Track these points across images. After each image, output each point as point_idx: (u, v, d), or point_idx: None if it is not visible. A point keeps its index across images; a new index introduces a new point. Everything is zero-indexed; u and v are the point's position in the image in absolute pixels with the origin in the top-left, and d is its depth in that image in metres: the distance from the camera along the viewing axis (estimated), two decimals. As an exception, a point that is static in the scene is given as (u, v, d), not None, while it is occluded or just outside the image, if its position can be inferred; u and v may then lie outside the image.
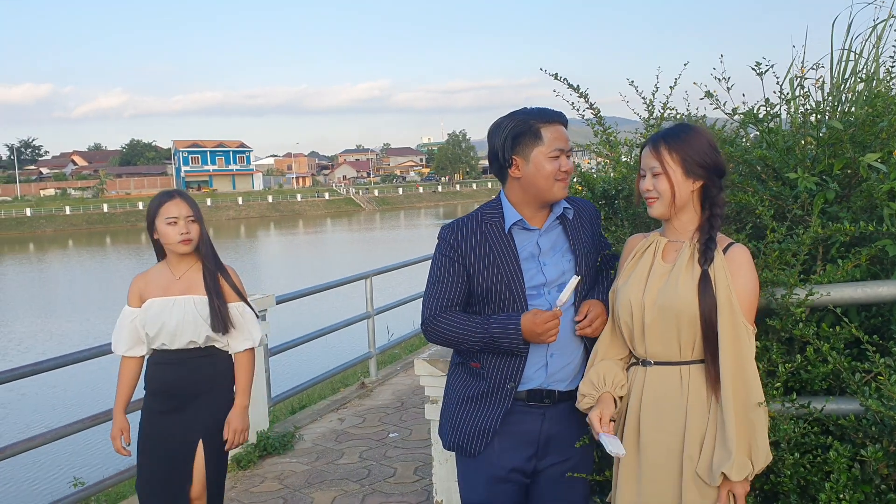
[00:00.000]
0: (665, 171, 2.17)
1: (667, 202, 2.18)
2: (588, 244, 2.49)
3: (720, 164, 2.20)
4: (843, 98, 2.89)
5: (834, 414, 2.25)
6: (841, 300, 2.25)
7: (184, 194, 3.25)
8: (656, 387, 2.19)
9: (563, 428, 2.43)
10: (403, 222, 67.05)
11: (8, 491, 7.79)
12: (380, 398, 6.95)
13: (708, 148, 2.18)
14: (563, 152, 2.40)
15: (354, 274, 7.81)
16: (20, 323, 22.19)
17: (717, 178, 2.20)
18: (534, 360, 2.40)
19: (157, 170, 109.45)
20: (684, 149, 2.16)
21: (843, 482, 2.13)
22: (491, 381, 2.42)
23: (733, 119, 2.81)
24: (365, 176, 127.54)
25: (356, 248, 40.13)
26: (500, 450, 2.42)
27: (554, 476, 2.45)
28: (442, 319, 2.42)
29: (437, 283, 2.46)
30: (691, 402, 2.13)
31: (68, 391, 11.90)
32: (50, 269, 40.26)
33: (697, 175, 2.17)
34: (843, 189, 2.53)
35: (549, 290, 2.40)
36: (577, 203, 2.57)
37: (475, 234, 2.44)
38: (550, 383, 2.41)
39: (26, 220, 73.14)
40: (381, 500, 4.58)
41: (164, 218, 3.11)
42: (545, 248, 2.45)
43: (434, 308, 2.44)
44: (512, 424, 2.41)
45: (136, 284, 3.25)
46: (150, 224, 3.17)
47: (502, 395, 2.40)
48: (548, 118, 2.42)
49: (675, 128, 2.25)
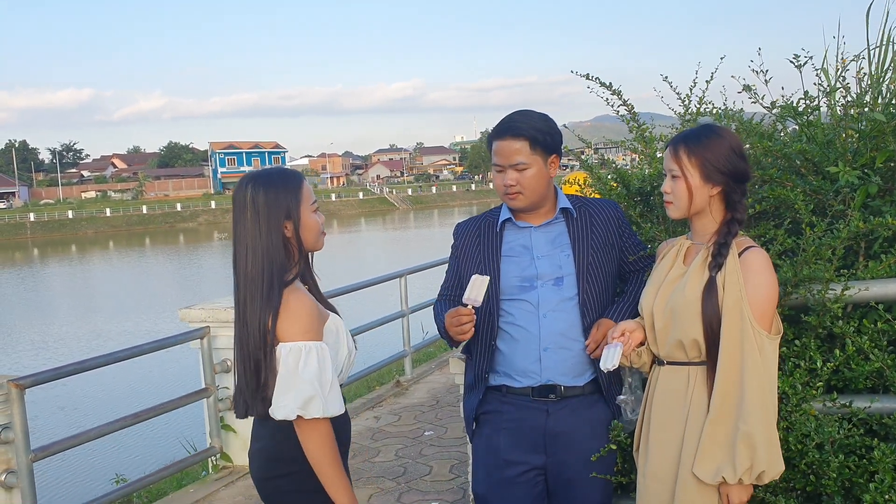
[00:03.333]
0: (683, 175, 2.15)
1: (683, 206, 2.17)
2: (598, 243, 2.48)
3: (742, 169, 2.16)
4: (882, 90, 2.82)
5: (878, 413, 2.20)
6: (883, 296, 2.20)
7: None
8: (665, 386, 2.21)
9: (573, 425, 2.43)
10: (437, 221, 67.14)
11: (51, 487, 7.97)
12: (415, 396, 6.97)
13: (729, 153, 2.14)
14: (504, 168, 2.43)
15: (389, 273, 7.84)
16: (64, 322, 22.71)
17: (738, 183, 2.16)
18: (525, 353, 2.43)
19: (194, 171, 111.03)
20: (704, 153, 2.13)
21: (889, 482, 2.08)
22: (473, 371, 2.60)
23: (772, 113, 2.77)
24: (398, 175, 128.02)
25: (390, 247, 40.30)
26: (505, 444, 2.47)
27: (565, 475, 2.44)
28: (436, 307, 2.68)
29: (445, 278, 2.69)
30: (694, 403, 2.14)
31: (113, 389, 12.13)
32: (92, 270, 41.12)
33: (716, 180, 2.14)
34: (886, 182, 2.47)
35: (543, 284, 2.44)
36: (594, 204, 2.58)
37: (473, 231, 2.60)
38: (551, 377, 2.42)
39: (68, 222, 74.80)
40: (418, 497, 4.60)
41: (309, 202, 2.17)
42: (540, 243, 2.49)
43: (438, 300, 2.69)
44: (516, 420, 2.46)
45: (311, 304, 2.16)
46: (282, 216, 2.12)
47: (481, 385, 2.55)
48: (496, 132, 2.48)
49: (698, 130, 2.22)
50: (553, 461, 2.44)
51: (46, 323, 22.72)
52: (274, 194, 2.11)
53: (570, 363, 2.43)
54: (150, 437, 9.18)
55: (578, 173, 3.75)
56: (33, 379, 3.89)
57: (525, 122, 2.42)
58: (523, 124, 2.41)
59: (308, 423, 2.07)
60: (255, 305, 2.09)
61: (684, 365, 2.18)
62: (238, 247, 2.14)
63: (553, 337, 2.41)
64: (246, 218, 2.11)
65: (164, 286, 31.00)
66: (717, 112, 2.95)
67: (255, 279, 2.09)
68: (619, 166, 3.22)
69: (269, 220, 2.09)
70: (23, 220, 74.19)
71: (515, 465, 2.45)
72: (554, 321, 2.42)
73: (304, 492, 2.16)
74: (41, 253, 55.60)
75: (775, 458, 2.03)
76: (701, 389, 2.13)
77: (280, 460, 2.17)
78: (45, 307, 27.21)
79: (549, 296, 2.42)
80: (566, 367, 2.43)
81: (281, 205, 2.11)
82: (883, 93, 2.82)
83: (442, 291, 2.70)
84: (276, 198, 2.11)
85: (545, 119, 2.46)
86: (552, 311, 2.42)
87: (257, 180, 2.14)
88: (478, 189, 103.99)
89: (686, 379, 2.17)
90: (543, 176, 2.44)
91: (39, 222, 73.84)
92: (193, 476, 5.49)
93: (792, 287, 2.26)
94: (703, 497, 2.09)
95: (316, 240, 2.20)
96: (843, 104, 2.66)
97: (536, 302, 2.42)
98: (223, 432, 5.16)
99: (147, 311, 22.92)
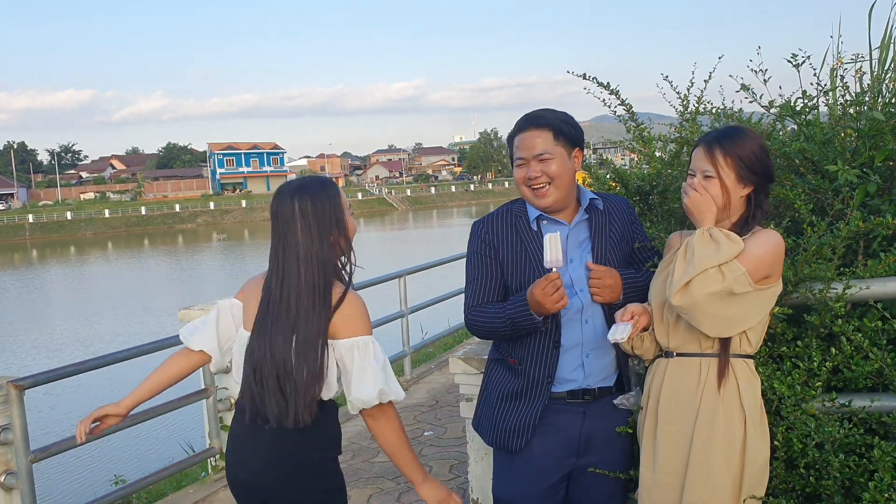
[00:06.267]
0: (718, 175, 2.13)
1: (717, 207, 2.14)
2: (616, 237, 2.45)
3: (771, 169, 2.18)
4: (882, 89, 2.82)
5: (877, 412, 2.20)
6: (883, 295, 2.20)
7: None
8: (674, 378, 2.20)
9: (604, 425, 2.42)
10: (436, 221, 67.15)
11: (50, 488, 7.96)
12: (414, 396, 6.96)
13: (760, 152, 2.15)
14: (526, 160, 2.37)
15: (388, 273, 7.83)
16: (63, 324, 22.69)
17: (767, 183, 2.18)
18: (570, 360, 2.39)
19: (192, 172, 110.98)
20: (738, 152, 2.13)
21: (889, 481, 2.08)
22: (528, 377, 2.41)
23: (770, 112, 2.77)
24: (397, 176, 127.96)
25: (390, 248, 40.30)
26: (540, 448, 2.41)
27: (591, 475, 2.44)
28: (475, 314, 2.44)
29: (473, 282, 2.48)
30: (706, 395, 2.14)
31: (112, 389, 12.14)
32: (92, 271, 41.08)
33: (749, 181, 2.14)
34: (886, 181, 2.47)
35: (581, 289, 2.38)
36: (609, 199, 2.54)
37: (507, 228, 2.45)
38: (590, 383, 2.41)
39: (67, 223, 74.72)
40: (417, 498, 4.58)
41: (347, 208, 2.26)
42: (573, 245, 2.42)
43: (470, 306, 2.47)
44: (552, 423, 2.40)
45: (364, 302, 2.26)
46: (332, 224, 2.19)
47: (540, 392, 2.40)
48: (517, 127, 2.43)
49: (728, 130, 2.21)
50: (582, 463, 2.42)
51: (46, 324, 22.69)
52: (321, 204, 2.19)
53: (607, 367, 2.42)
54: (150, 438, 9.17)
55: (578, 173, 3.75)
56: (33, 380, 3.88)
57: (547, 113, 2.39)
58: (546, 115, 2.38)
59: (382, 410, 2.20)
60: (314, 310, 2.15)
61: (696, 356, 2.17)
62: (288, 257, 2.18)
63: (593, 342, 2.39)
64: (296, 229, 2.17)
65: (163, 287, 30.97)
66: (716, 111, 2.95)
67: (313, 286, 2.15)
68: (617, 166, 3.22)
69: (321, 229, 2.17)
70: (21, 222, 74.10)
71: (550, 472, 2.41)
72: (593, 326, 2.39)
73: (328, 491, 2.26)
74: (40, 254, 55.55)
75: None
76: (713, 381, 2.13)
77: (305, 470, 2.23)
78: (45, 308, 27.20)
79: (588, 300, 2.37)
80: (604, 371, 2.42)
81: (328, 213, 2.19)
82: (883, 92, 2.82)
83: (477, 300, 2.44)
84: (322, 207, 2.19)
85: (566, 114, 2.43)
86: (591, 316, 2.39)
87: (303, 191, 2.20)
88: (477, 190, 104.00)
89: (698, 371, 2.16)
90: (568, 169, 2.37)
91: (38, 224, 73.72)
92: (193, 477, 5.48)
93: (793, 286, 2.26)
94: (713, 491, 2.09)
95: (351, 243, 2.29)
96: (841, 103, 2.66)
97: (581, 307, 2.37)
98: (222, 433, 5.15)
99: (147, 312, 22.90)
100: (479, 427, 2.59)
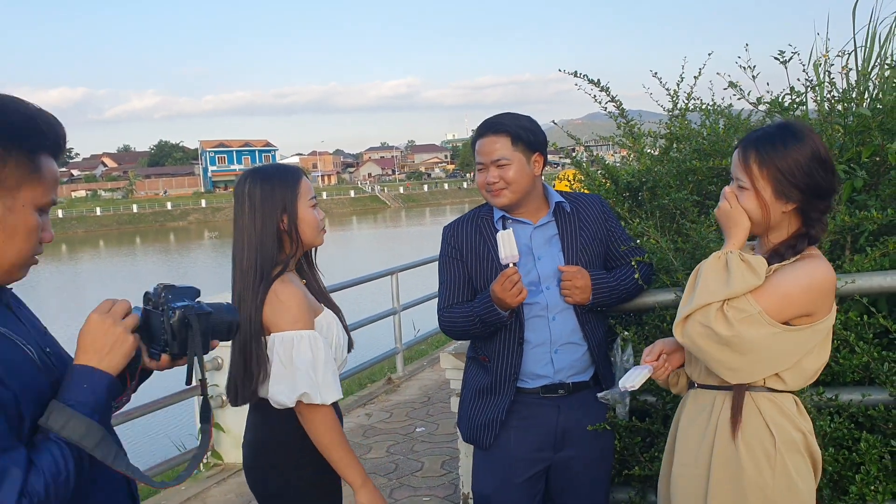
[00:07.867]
0: (753, 188, 1.82)
1: (756, 222, 1.85)
2: (587, 236, 2.46)
3: (825, 184, 1.80)
4: (869, 85, 2.85)
5: (863, 405, 2.22)
6: (868, 289, 2.22)
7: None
8: (690, 410, 2.01)
9: (580, 419, 2.44)
10: (429, 219, 67.13)
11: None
12: (406, 393, 6.97)
13: (809, 163, 1.78)
14: (486, 165, 2.40)
15: (381, 270, 7.84)
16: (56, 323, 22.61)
17: (819, 199, 1.82)
18: (538, 356, 2.41)
19: (184, 170, 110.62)
20: (779, 163, 1.79)
21: (875, 473, 2.10)
22: (495, 374, 2.45)
23: (758, 109, 2.79)
24: (390, 173, 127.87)
25: (382, 245, 40.27)
26: (515, 442, 2.43)
27: (573, 469, 2.45)
28: (446, 315, 2.49)
29: (443, 284, 2.53)
30: (719, 434, 1.88)
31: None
32: (83, 269, 40.93)
33: (791, 197, 1.80)
34: (872, 177, 2.50)
35: (549, 286, 2.40)
36: (581, 199, 2.56)
37: (471, 231, 2.49)
38: (561, 378, 2.42)
39: (58, 221, 74.35)
40: (409, 493, 4.60)
41: (307, 198, 2.18)
42: (540, 243, 2.44)
43: (442, 308, 2.52)
44: (527, 418, 2.43)
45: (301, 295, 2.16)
46: (278, 210, 2.13)
47: (506, 388, 2.43)
48: (478, 132, 2.45)
49: (774, 131, 1.86)
50: (561, 457, 2.44)
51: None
52: (270, 188, 2.14)
53: (577, 362, 2.43)
54: (140, 435, 9.15)
55: (570, 170, 3.76)
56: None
57: (506, 119, 2.40)
58: (504, 121, 2.40)
59: (309, 409, 2.08)
60: (247, 296, 2.11)
61: (713, 389, 1.94)
62: (236, 240, 2.17)
63: (562, 338, 2.40)
64: (244, 212, 2.15)
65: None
66: (706, 108, 2.97)
67: (248, 271, 2.12)
68: (607, 163, 3.23)
69: (265, 214, 2.12)
70: (12, 220, 73.67)
71: (525, 465, 2.43)
72: (562, 322, 2.40)
73: (291, 486, 2.18)
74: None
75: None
76: (725, 415, 1.88)
77: (267, 449, 2.19)
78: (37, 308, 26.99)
79: (555, 297, 2.39)
80: (575, 366, 2.43)
81: (276, 198, 2.13)
82: (870, 88, 2.85)
83: (448, 302, 2.49)
84: (272, 191, 2.13)
85: (528, 119, 2.44)
86: (559, 312, 2.40)
87: (255, 175, 2.18)
88: (469, 188, 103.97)
89: (711, 403, 1.93)
90: (526, 173, 2.39)
91: (29, 222, 73.29)
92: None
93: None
94: None
95: (315, 235, 2.20)
96: (829, 99, 2.68)
97: (546, 304, 2.39)
98: (214, 430, 5.16)
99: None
100: (459, 423, 2.63)
